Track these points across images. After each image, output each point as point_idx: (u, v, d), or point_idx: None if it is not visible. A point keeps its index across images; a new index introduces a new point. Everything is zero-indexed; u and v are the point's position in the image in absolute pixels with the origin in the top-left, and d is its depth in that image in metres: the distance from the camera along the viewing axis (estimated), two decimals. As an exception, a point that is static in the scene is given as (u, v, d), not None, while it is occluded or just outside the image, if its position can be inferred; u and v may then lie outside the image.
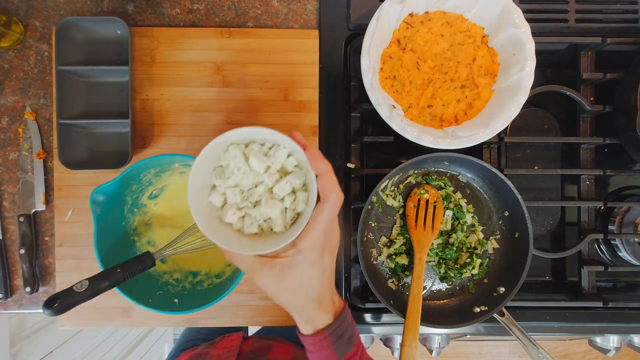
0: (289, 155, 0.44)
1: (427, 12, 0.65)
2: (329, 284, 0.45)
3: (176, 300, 0.62)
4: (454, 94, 0.65)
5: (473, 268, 0.69)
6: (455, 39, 0.65)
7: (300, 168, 0.44)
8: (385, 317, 0.72)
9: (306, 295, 0.43)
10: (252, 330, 1.08)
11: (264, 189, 0.44)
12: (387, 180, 0.69)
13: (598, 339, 0.76)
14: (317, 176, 0.41)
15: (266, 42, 0.71)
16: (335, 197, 0.40)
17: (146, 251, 0.54)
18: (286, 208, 0.44)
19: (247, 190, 0.44)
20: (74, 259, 0.69)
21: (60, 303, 0.45)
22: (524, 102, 0.61)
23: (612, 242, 0.74)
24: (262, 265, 0.42)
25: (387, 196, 0.70)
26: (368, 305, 0.70)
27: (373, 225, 0.71)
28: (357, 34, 0.73)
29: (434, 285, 0.71)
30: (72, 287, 0.47)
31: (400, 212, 0.71)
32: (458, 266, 0.70)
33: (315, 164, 0.41)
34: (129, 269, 0.51)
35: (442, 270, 0.70)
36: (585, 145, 0.74)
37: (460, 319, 0.65)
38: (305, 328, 0.45)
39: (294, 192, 0.44)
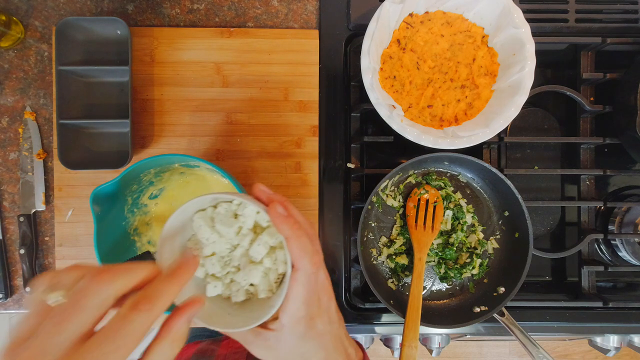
0: (258, 212, 0.39)
1: (427, 12, 0.65)
2: (334, 346, 0.39)
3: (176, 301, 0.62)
4: (454, 94, 0.65)
5: (473, 268, 0.69)
6: (455, 39, 0.65)
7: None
8: (385, 317, 0.72)
9: None
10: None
11: (241, 252, 0.40)
12: (387, 180, 0.69)
13: (598, 339, 0.76)
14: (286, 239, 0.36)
15: (266, 42, 0.71)
16: (307, 263, 0.35)
17: (146, 251, 0.53)
18: (269, 269, 0.40)
19: (226, 256, 0.40)
20: (74, 259, 0.69)
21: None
22: (524, 102, 0.61)
23: (612, 242, 0.74)
24: (255, 337, 0.38)
25: (387, 196, 0.70)
26: (368, 305, 0.70)
27: (373, 225, 0.71)
28: (357, 34, 0.73)
29: (434, 285, 0.71)
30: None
31: (400, 212, 0.71)
32: (458, 266, 0.70)
33: (278, 227, 0.35)
34: None
35: (442, 270, 0.70)
36: (585, 145, 0.74)
37: (460, 319, 0.65)
38: None
39: (273, 249, 0.40)
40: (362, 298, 0.72)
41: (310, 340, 0.37)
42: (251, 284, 0.40)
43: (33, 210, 0.70)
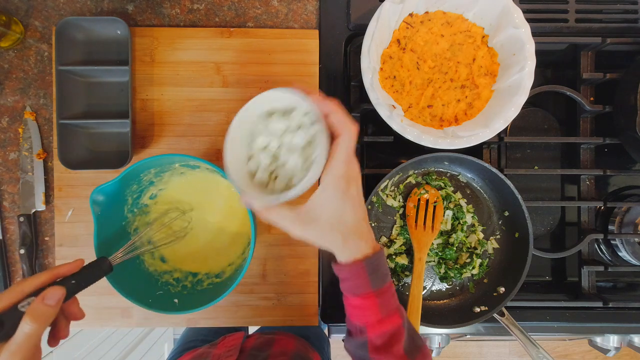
0: (306, 114, 0.46)
1: (427, 12, 0.65)
2: (364, 217, 0.45)
3: (176, 300, 0.62)
4: (454, 94, 0.65)
5: (473, 268, 0.69)
6: (455, 39, 0.65)
7: (312, 123, 0.46)
8: (385, 317, 0.72)
9: (345, 229, 0.43)
10: (251, 330, 1.08)
11: (286, 147, 0.47)
12: (387, 180, 0.69)
13: (598, 339, 0.76)
14: (327, 116, 0.42)
15: (266, 42, 0.71)
16: (348, 128, 0.42)
17: (102, 256, 0.51)
18: (305, 159, 0.46)
19: (274, 152, 0.47)
20: (74, 259, 0.69)
21: (5, 326, 0.40)
22: (524, 102, 0.61)
23: (612, 242, 0.74)
24: (296, 213, 0.43)
25: (387, 196, 0.70)
26: (368, 305, 0.70)
27: (373, 225, 0.71)
28: (357, 34, 0.73)
29: (434, 285, 0.71)
30: (16, 306, 0.41)
31: (400, 212, 0.71)
32: (458, 266, 0.70)
33: (322, 105, 0.42)
34: (84, 277, 0.47)
35: (442, 270, 0.70)
36: (585, 145, 0.74)
37: (460, 319, 0.65)
38: (345, 256, 0.45)
39: (310, 144, 0.46)
40: (362, 298, 0.72)
41: (346, 201, 0.42)
42: (290, 178, 0.46)
43: (33, 210, 0.70)
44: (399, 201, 0.71)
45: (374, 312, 0.44)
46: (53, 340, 0.46)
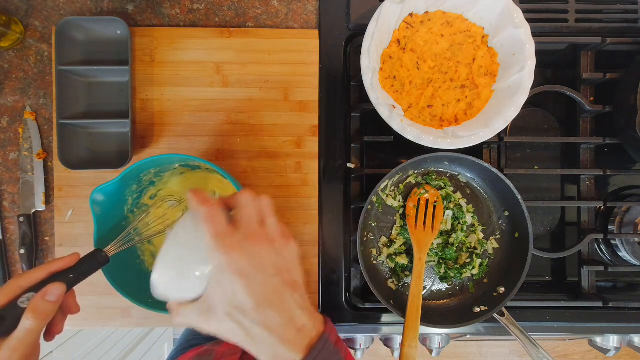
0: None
1: (427, 12, 0.65)
2: (282, 304, 0.35)
3: (176, 300, 0.62)
4: (454, 94, 0.65)
5: (473, 268, 0.69)
6: (455, 39, 0.65)
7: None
8: (385, 317, 0.72)
9: (245, 320, 0.35)
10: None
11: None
12: (387, 180, 0.69)
13: (598, 339, 0.76)
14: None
15: (266, 42, 0.71)
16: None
17: (97, 248, 0.51)
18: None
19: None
20: (74, 258, 0.69)
21: (5, 322, 0.40)
22: (524, 102, 0.61)
23: (612, 242, 0.74)
24: (195, 305, 0.37)
25: (387, 196, 0.70)
26: (368, 305, 0.70)
27: (373, 225, 0.71)
28: (357, 34, 0.73)
29: (434, 285, 0.71)
30: (16, 301, 0.41)
31: (400, 212, 0.71)
32: (458, 266, 0.70)
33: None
34: (81, 270, 0.48)
35: (442, 270, 0.70)
36: (585, 145, 0.74)
37: (460, 319, 0.65)
38: None
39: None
40: (362, 298, 0.72)
41: (234, 279, 0.35)
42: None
43: (33, 210, 0.70)
44: (399, 201, 0.71)
45: None
46: (48, 335, 0.47)
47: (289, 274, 0.37)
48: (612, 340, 0.75)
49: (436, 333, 0.73)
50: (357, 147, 0.73)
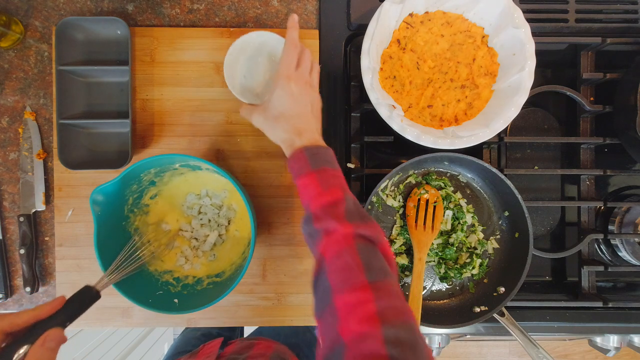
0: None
1: (427, 12, 0.65)
2: (305, 118, 0.54)
3: (176, 300, 0.62)
4: (454, 94, 0.65)
5: (473, 268, 0.69)
6: (455, 39, 0.65)
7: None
8: (385, 317, 0.72)
9: (286, 124, 0.53)
10: (249, 330, 1.08)
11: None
12: (387, 180, 0.69)
13: (598, 339, 0.76)
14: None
15: (266, 42, 0.71)
16: (287, 46, 0.55)
17: (86, 285, 0.50)
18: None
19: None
20: (74, 259, 0.69)
21: None
22: (524, 102, 0.61)
23: (612, 242, 0.74)
24: (258, 107, 0.57)
25: (387, 196, 0.70)
26: (368, 305, 0.70)
27: (373, 225, 0.71)
28: (357, 34, 0.73)
29: (434, 285, 0.71)
30: (12, 356, 0.41)
31: (400, 212, 0.71)
32: (458, 266, 0.70)
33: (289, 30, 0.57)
34: (70, 311, 0.47)
35: (442, 270, 0.70)
36: (585, 145, 0.74)
37: (460, 319, 0.65)
38: (289, 151, 0.52)
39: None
40: (362, 298, 0.72)
41: (285, 96, 0.54)
42: None
43: (33, 210, 0.70)
44: (399, 201, 0.71)
45: (315, 186, 0.48)
46: None
47: (317, 111, 0.58)
48: (612, 340, 0.75)
49: (436, 333, 0.73)
50: (357, 147, 0.73)
